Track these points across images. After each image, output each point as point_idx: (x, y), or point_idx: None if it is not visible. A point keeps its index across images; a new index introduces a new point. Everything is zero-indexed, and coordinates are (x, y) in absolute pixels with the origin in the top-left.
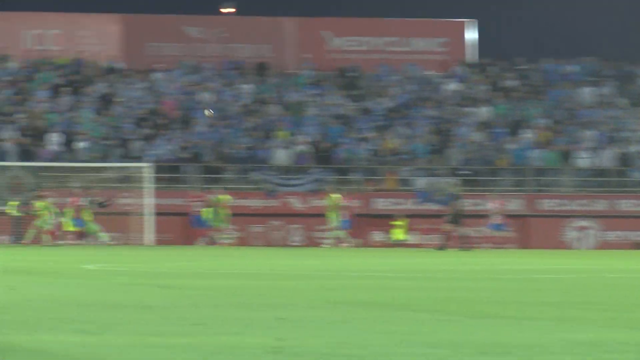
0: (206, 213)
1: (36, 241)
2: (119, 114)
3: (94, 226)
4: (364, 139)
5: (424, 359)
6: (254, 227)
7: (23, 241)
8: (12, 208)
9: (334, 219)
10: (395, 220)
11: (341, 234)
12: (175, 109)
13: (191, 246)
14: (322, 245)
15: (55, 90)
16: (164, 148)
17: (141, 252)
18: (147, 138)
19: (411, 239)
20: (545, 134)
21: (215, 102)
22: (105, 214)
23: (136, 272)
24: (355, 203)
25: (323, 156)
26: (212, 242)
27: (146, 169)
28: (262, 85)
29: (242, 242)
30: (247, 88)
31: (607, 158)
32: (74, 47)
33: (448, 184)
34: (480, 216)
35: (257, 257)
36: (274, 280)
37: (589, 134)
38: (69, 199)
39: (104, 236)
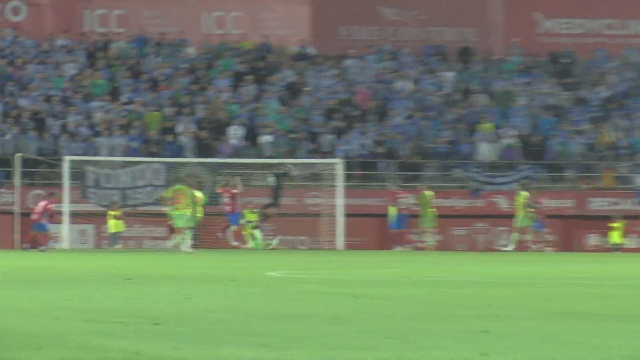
0: (393, 212)
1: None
2: (307, 104)
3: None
4: (578, 132)
5: None
6: (456, 230)
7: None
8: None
9: (522, 220)
10: (613, 222)
11: (530, 236)
12: (369, 99)
13: (387, 251)
14: (503, 249)
15: (237, 79)
16: (357, 142)
17: (330, 258)
18: (338, 131)
19: (629, 242)
20: None
21: (413, 91)
22: (291, 214)
23: (325, 280)
24: (568, 203)
25: (533, 151)
26: (413, 246)
27: (337, 166)
28: (466, 72)
29: (444, 246)
30: (448, 76)
31: None
32: (258, 31)
33: None
34: None
35: (459, 263)
36: (478, 289)
37: None
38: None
39: (262, 243)
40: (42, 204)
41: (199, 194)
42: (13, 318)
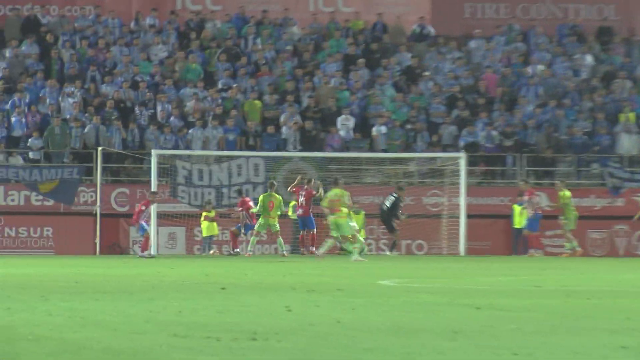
0: (522, 212)
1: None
2: (427, 91)
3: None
4: None
5: None
6: (593, 233)
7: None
8: (292, 209)
9: None
10: None
11: None
12: (496, 85)
13: (514, 257)
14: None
15: (348, 62)
16: (482, 134)
17: (451, 264)
18: (461, 122)
19: None
20: None
21: (546, 76)
22: (408, 216)
23: (444, 289)
24: None
25: None
26: (544, 251)
27: (459, 161)
28: (605, 55)
29: (578, 251)
30: (586, 59)
31: None
32: (371, 9)
33: None
34: None
35: (595, 270)
36: (616, 299)
37: None
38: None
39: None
40: (143, 204)
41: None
42: (92, 332)
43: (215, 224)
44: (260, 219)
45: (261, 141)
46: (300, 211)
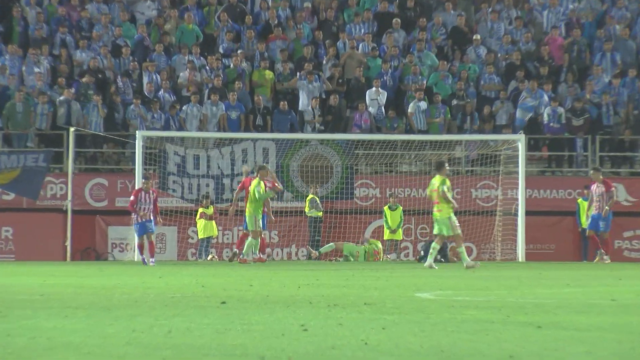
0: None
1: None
2: (478, 59)
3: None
4: None
5: None
6: None
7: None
8: (309, 205)
9: None
10: None
11: None
12: (563, 50)
13: (584, 263)
14: None
15: (380, 23)
16: (546, 111)
17: (504, 273)
18: (519, 96)
19: None
20: None
21: (626, 39)
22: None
23: (497, 304)
24: None
25: None
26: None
27: (517, 144)
28: None
29: None
30: None
31: None
32: None
33: None
34: None
35: None
36: None
37: None
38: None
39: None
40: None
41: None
42: (61, 357)
43: (214, 223)
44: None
45: (272, 120)
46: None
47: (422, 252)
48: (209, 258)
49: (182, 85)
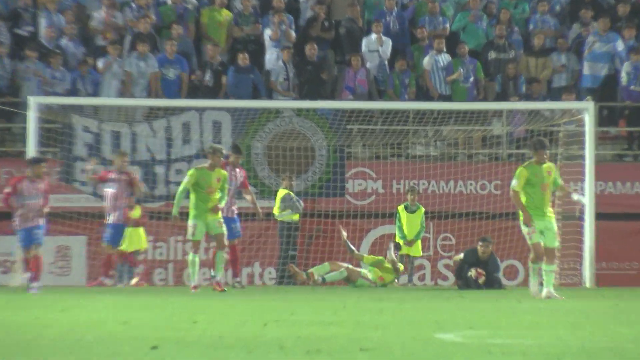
0: None
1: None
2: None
3: None
4: None
5: None
6: None
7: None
8: (280, 205)
9: None
10: None
11: None
12: None
13: None
14: None
15: None
16: (625, 69)
17: (561, 304)
18: (578, 43)
19: None
20: None
21: None
22: (484, 216)
23: (551, 348)
24: None
25: None
26: None
27: (583, 115)
28: None
29: None
30: None
31: None
32: None
33: None
34: None
35: None
36: None
37: None
38: None
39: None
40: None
41: None
42: None
43: (141, 231)
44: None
45: (227, 81)
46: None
47: (471, 276)
48: (132, 282)
49: (96, 30)
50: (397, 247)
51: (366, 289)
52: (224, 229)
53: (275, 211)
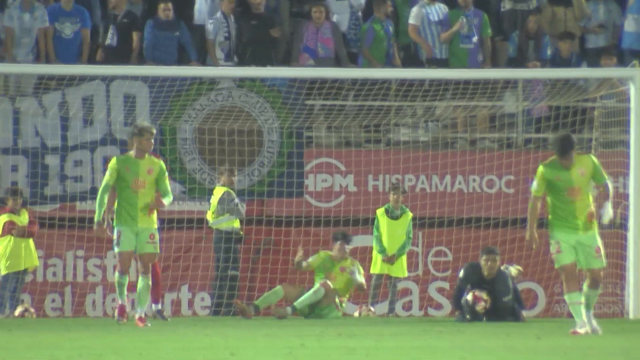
0: None
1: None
2: None
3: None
4: None
5: None
6: None
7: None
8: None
9: None
10: None
11: None
12: None
13: None
14: None
15: None
16: None
17: (594, 341)
18: None
19: None
20: None
21: None
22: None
23: None
24: None
25: None
26: None
27: (627, 85)
28: None
29: None
30: None
31: None
32: None
33: None
34: None
35: None
36: None
37: None
38: None
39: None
40: None
41: None
42: None
43: (31, 243)
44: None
45: (143, 41)
46: None
47: (467, 301)
48: (16, 313)
49: None
50: (347, 239)
51: (332, 321)
52: (157, 248)
53: (210, 216)
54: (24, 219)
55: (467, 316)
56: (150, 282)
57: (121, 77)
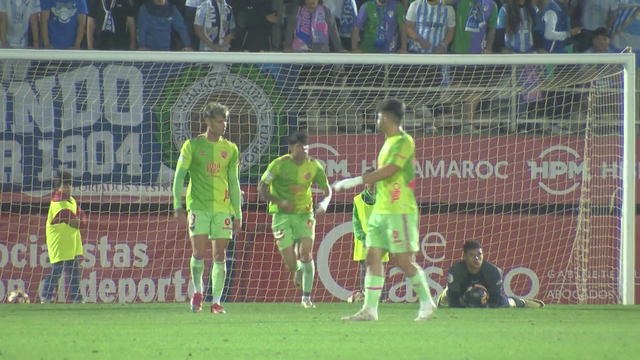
0: None
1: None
2: None
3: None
4: None
5: None
6: None
7: None
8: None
9: None
10: None
11: None
12: None
13: None
14: None
15: None
16: None
17: (588, 327)
18: None
19: None
20: None
21: None
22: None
23: None
24: None
25: None
26: None
27: (622, 70)
28: None
29: None
30: None
31: None
32: None
33: None
34: None
35: None
36: None
37: None
38: None
39: None
40: None
41: None
42: None
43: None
44: None
45: (136, 26)
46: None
47: (474, 296)
48: (10, 299)
49: None
50: (304, 140)
51: (326, 307)
52: (229, 234)
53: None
54: (73, 206)
55: (473, 305)
56: (225, 269)
57: (114, 63)
